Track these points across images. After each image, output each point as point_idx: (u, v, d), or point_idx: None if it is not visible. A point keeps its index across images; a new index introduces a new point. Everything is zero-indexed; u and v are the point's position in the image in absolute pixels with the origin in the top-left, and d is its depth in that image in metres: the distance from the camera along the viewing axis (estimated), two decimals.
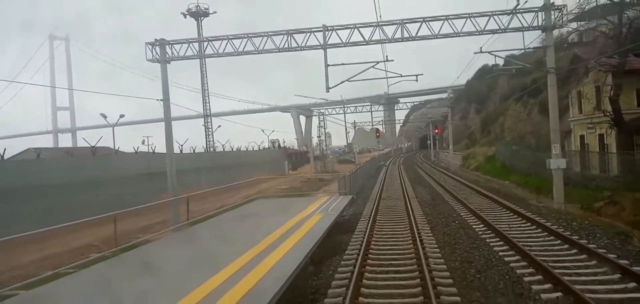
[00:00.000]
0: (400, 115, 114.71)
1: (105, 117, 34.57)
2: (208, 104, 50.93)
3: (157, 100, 18.85)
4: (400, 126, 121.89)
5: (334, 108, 64.00)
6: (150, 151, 34.74)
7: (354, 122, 75.74)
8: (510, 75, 42.02)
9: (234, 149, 46.24)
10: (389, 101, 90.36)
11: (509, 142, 39.42)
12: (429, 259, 9.92)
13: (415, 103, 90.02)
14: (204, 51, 19.04)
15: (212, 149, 46.37)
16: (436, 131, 61.52)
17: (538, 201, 19.96)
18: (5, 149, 23.64)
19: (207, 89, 51.01)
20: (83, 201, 20.45)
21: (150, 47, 18.26)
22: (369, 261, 10.09)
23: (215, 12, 53.13)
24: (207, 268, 7.51)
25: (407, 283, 8.52)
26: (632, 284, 7.70)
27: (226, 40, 18.53)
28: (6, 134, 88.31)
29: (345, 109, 63.75)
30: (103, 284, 7.42)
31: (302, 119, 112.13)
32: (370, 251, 10.98)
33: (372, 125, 78.84)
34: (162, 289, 6.89)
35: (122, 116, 35.77)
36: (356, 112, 72.45)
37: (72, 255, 12.09)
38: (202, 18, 49.88)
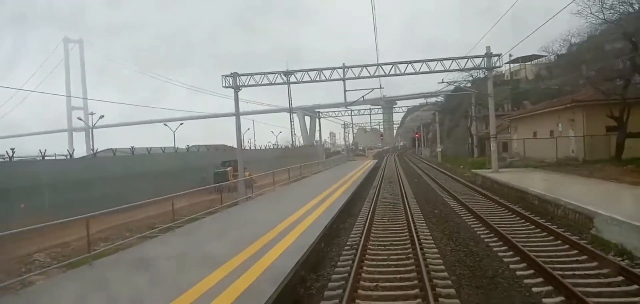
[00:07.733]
0: (397, 116, 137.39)
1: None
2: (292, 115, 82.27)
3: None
4: (397, 128, 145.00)
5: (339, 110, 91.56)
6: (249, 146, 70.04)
7: (365, 127, 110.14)
8: (470, 96, 76.55)
9: (299, 146, 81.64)
10: (388, 104, 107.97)
11: (449, 143, 75.16)
12: (399, 168, 45.67)
13: (409, 107, 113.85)
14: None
15: (294, 144, 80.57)
16: (417, 135, 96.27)
17: (436, 162, 55.75)
18: (176, 147, 58.78)
19: (290, 100, 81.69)
20: (271, 166, 54.09)
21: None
22: (386, 167, 46.13)
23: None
24: (354, 169, 43.45)
25: (392, 168, 44.44)
26: (430, 167, 43.63)
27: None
28: (15, 133, 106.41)
29: (350, 112, 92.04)
30: (310, 183, 42.97)
31: (307, 119, 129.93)
32: (386, 167, 47.10)
33: (379, 125, 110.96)
34: (334, 178, 42.65)
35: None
36: (359, 114, 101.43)
37: (289, 180, 40.51)
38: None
